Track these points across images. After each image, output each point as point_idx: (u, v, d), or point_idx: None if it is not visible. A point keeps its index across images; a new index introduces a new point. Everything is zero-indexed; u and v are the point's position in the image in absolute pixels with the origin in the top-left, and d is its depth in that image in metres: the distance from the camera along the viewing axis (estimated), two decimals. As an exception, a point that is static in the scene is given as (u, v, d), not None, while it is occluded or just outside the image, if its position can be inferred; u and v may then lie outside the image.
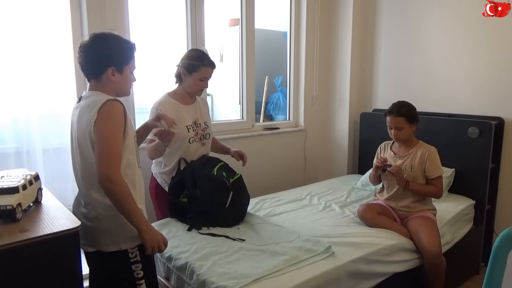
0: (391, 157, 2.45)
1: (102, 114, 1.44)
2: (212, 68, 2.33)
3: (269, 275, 1.74)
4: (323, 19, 3.69)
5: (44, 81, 2.34)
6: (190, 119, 2.36)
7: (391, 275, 2.12)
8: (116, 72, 1.54)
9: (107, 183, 1.42)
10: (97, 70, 1.52)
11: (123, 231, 1.54)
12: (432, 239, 2.22)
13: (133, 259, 1.57)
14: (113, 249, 1.54)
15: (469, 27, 2.93)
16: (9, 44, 2.21)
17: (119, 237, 1.55)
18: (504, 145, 2.85)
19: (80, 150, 1.53)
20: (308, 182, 3.66)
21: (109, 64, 1.51)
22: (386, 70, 3.52)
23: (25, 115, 2.29)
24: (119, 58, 1.53)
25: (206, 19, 3.04)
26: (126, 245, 1.55)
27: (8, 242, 1.19)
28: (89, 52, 1.51)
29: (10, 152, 2.29)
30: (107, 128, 1.44)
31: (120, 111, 1.49)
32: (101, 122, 1.44)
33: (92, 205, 1.54)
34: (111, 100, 1.48)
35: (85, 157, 1.53)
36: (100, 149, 1.43)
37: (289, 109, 3.85)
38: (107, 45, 1.51)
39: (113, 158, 1.44)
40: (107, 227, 1.54)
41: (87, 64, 1.53)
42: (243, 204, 2.38)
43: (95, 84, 1.56)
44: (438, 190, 2.38)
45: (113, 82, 1.54)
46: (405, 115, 2.33)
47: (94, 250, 1.57)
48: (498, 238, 1.19)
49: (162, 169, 2.38)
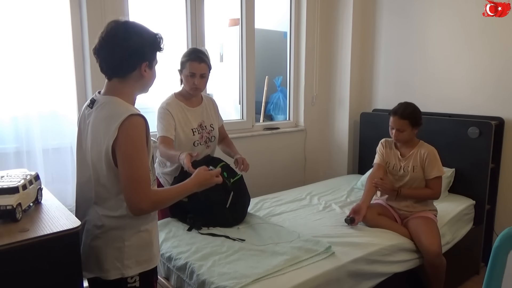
0: (396, 158, 2.44)
1: (124, 133, 1.23)
2: (200, 63, 2.23)
3: (269, 275, 1.74)
4: (323, 19, 3.69)
5: (44, 81, 2.34)
6: (196, 122, 2.35)
7: (391, 275, 2.12)
8: (147, 68, 1.34)
9: (136, 212, 1.28)
10: (130, 66, 1.30)
11: (131, 254, 1.35)
12: (432, 240, 2.22)
13: (131, 284, 1.38)
14: (115, 276, 1.34)
15: (469, 27, 2.93)
16: (9, 43, 2.21)
17: (125, 262, 1.35)
18: (504, 145, 2.85)
19: (93, 168, 1.34)
20: (308, 182, 3.66)
21: (143, 59, 1.31)
22: (386, 70, 3.52)
23: (25, 114, 2.29)
24: (151, 51, 1.34)
25: (206, 19, 3.04)
26: (131, 271, 1.36)
27: (8, 242, 1.19)
28: (122, 44, 1.27)
29: (10, 152, 2.29)
30: (133, 151, 1.25)
31: (144, 129, 1.29)
32: (124, 143, 1.24)
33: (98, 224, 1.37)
34: (134, 116, 1.26)
35: (98, 177, 1.34)
36: (127, 175, 1.25)
37: (289, 109, 3.85)
38: (142, 37, 1.29)
39: (142, 185, 1.25)
40: (113, 248, 1.36)
41: (116, 59, 1.29)
42: (243, 204, 2.38)
43: (118, 83, 1.33)
44: (433, 192, 2.36)
45: (144, 79, 1.35)
46: (409, 118, 2.31)
47: (93, 276, 1.39)
48: (498, 238, 1.19)
49: (165, 169, 2.39)
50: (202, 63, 2.25)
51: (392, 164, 2.45)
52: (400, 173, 2.42)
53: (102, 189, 1.35)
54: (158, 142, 2.25)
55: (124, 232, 1.35)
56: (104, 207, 1.36)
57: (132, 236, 1.36)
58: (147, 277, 1.41)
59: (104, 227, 1.36)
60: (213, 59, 2.34)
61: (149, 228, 1.41)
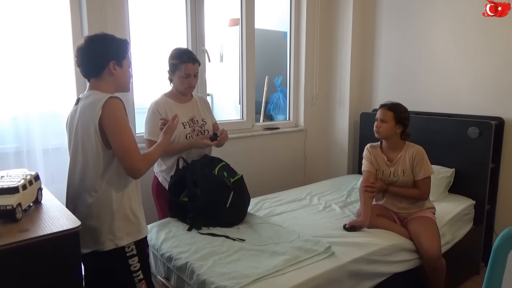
0: (384, 163, 2.42)
1: (106, 111, 1.49)
2: (194, 63, 2.28)
3: (269, 275, 1.74)
4: (323, 19, 3.69)
5: (44, 81, 2.34)
6: (186, 117, 2.36)
7: (391, 275, 2.12)
8: (116, 66, 1.61)
9: (137, 175, 1.56)
10: (99, 66, 1.59)
11: (121, 228, 1.59)
12: (432, 242, 2.21)
13: (130, 253, 1.63)
14: (110, 247, 1.58)
15: (469, 27, 2.93)
16: (10, 43, 2.21)
17: (118, 235, 1.59)
18: (504, 145, 2.85)
19: (83, 153, 1.57)
20: (308, 182, 3.66)
21: (109, 59, 1.59)
22: (386, 70, 3.52)
23: (25, 114, 2.29)
24: (118, 53, 1.61)
25: (206, 19, 3.04)
26: (123, 241, 1.60)
27: (8, 242, 1.19)
28: (89, 51, 1.58)
29: (10, 152, 2.28)
30: (117, 124, 1.51)
31: (122, 107, 1.55)
32: (108, 119, 1.49)
33: (91, 204, 1.58)
34: (113, 98, 1.53)
35: (87, 161, 1.57)
36: (121, 146, 1.51)
37: (289, 109, 3.85)
38: (105, 42, 1.60)
39: (134, 150, 1.53)
40: (105, 225, 1.58)
41: (88, 63, 1.59)
42: (243, 204, 2.38)
43: (96, 82, 1.61)
44: (421, 193, 2.34)
45: (114, 76, 1.61)
46: (394, 111, 2.34)
47: (90, 251, 1.58)
48: (498, 238, 1.19)
49: (161, 168, 2.39)
50: (195, 63, 2.30)
51: (381, 170, 2.43)
52: (390, 178, 2.40)
53: (91, 173, 1.56)
54: (146, 146, 2.25)
55: (113, 209, 1.57)
56: (93, 190, 1.57)
57: (118, 212, 1.59)
58: (140, 245, 1.66)
59: (94, 206, 1.57)
60: (213, 59, 2.35)
61: (133, 206, 1.65)
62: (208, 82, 3.12)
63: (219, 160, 2.43)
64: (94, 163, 1.56)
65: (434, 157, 2.98)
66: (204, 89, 3.10)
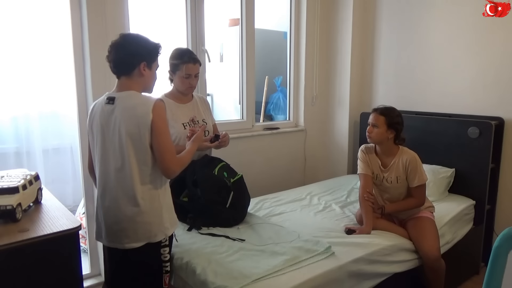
0: (378, 167, 2.39)
1: (157, 114, 1.57)
2: (195, 63, 2.28)
3: (269, 275, 1.74)
4: (323, 19, 3.69)
5: (44, 81, 2.34)
6: (187, 117, 2.36)
7: (391, 275, 2.12)
8: (146, 67, 1.65)
9: (171, 175, 1.64)
10: (130, 65, 1.62)
11: (167, 219, 1.68)
12: (432, 244, 2.21)
13: (164, 243, 1.68)
14: (161, 237, 1.66)
15: (469, 27, 2.93)
16: (10, 43, 2.21)
17: (166, 225, 1.67)
18: (504, 145, 2.85)
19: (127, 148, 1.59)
20: (308, 182, 3.66)
21: (141, 59, 1.63)
22: (386, 70, 3.52)
23: (25, 115, 2.30)
24: (150, 55, 1.67)
25: (206, 19, 3.04)
26: (169, 231, 1.70)
27: (8, 242, 1.19)
28: (123, 48, 1.62)
29: (10, 152, 2.29)
30: (163, 126, 1.59)
31: (165, 110, 1.64)
32: (158, 121, 1.57)
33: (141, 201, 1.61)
34: (160, 101, 1.61)
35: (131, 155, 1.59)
36: (163, 147, 1.58)
37: (289, 109, 3.85)
38: (138, 43, 1.65)
39: (173, 151, 1.62)
40: (156, 218, 1.65)
41: (120, 60, 1.62)
42: (243, 204, 2.38)
43: (128, 81, 1.64)
44: (417, 202, 2.32)
45: (144, 77, 1.66)
46: (386, 115, 2.29)
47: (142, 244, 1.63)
48: (498, 238, 1.19)
49: None
50: (196, 63, 2.30)
51: (375, 174, 2.40)
52: (383, 183, 2.39)
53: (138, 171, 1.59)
54: None
55: (160, 202, 1.65)
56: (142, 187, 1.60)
57: (165, 205, 1.68)
58: (170, 237, 1.76)
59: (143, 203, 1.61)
60: (213, 59, 2.35)
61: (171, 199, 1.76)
62: (208, 82, 3.12)
63: (219, 160, 2.43)
64: (144, 162, 1.60)
65: (434, 157, 3.00)
66: (204, 89, 3.10)
